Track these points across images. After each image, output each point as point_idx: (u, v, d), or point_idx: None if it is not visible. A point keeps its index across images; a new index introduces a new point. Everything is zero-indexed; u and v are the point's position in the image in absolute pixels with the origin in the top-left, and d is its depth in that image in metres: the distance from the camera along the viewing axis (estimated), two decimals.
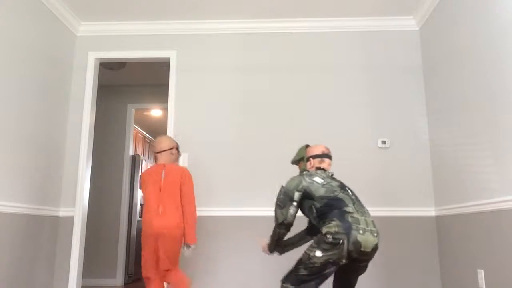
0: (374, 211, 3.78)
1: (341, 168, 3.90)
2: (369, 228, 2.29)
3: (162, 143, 3.10)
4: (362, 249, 2.23)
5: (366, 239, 2.24)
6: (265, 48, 4.18)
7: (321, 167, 2.69)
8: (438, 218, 3.72)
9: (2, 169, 3.10)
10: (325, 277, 2.32)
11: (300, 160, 2.79)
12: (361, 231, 2.25)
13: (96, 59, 4.24)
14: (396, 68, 4.08)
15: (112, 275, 5.44)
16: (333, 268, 2.30)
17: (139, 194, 5.93)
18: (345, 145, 3.94)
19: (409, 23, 4.14)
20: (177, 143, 3.20)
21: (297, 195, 2.50)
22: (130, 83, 5.87)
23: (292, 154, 3.93)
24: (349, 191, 2.52)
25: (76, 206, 3.92)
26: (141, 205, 6.03)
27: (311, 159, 2.72)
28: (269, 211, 3.80)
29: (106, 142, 5.76)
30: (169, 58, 4.20)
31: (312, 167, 2.71)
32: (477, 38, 3.03)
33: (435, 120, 3.79)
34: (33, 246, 3.48)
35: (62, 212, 3.91)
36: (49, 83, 3.77)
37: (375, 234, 2.30)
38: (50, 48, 3.80)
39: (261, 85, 4.10)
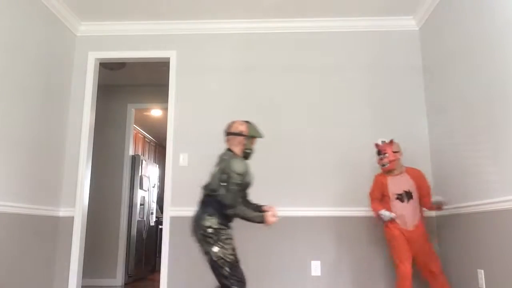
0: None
1: (341, 168, 3.90)
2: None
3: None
4: None
5: None
6: (265, 48, 4.18)
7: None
8: (438, 218, 3.72)
9: (2, 169, 3.10)
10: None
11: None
12: None
13: (96, 59, 4.24)
14: (396, 68, 4.08)
15: (112, 275, 5.44)
16: None
17: (139, 194, 5.93)
18: (345, 145, 3.94)
19: (409, 23, 4.14)
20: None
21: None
22: (130, 83, 5.87)
23: (292, 154, 3.93)
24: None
25: (76, 206, 3.92)
26: (141, 205, 6.03)
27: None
28: None
29: (106, 142, 5.76)
30: (169, 58, 4.20)
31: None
32: (477, 38, 3.03)
33: (435, 120, 3.79)
34: (33, 246, 3.48)
35: (62, 212, 3.91)
36: (49, 83, 3.77)
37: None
38: (50, 48, 3.80)
39: (261, 85, 4.10)
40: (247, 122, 2.82)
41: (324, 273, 3.72)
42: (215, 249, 2.53)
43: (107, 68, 5.08)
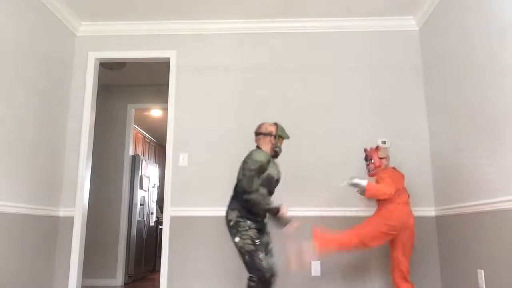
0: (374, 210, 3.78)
1: (340, 168, 3.90)
2: None
3: None
4: None
5: None
6: (265, 48, 4.18)
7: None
8: (438, 218, 3.72)
9: (2, 169, 3.10)
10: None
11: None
12: None
13: (96, 59, 4.24)
14: (396, 68, 4.08)
15: (112, 275, 5.44)
16: None
17: (139, 194, 5.93)
18: (344, 145, 3.94)
19: (409, 23, 4.14)
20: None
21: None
22: (130, 83, 5.87)
23: (292, 155, 3.93)
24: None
25: (76, 206, 3.92)
26: (141, 205, 6.02)
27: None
28: None
29: (106, 142, 5.76)
30: (169, 58, 4.20)
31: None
32: (477, 38, 3.03)
33: (435, 120, 3.79)
34: (33, 246, 3.48)
35: (62, 212, 3.91)
36: (49, 83, 3.77)
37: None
38: (50, 48, 3.80)
39: (261, 85, 4.10)
40: (275, 123, 3.01)
41: (324, 273, 3.72)
42: (236, 239, 2.74)
43: (107, 68, 5.08)
